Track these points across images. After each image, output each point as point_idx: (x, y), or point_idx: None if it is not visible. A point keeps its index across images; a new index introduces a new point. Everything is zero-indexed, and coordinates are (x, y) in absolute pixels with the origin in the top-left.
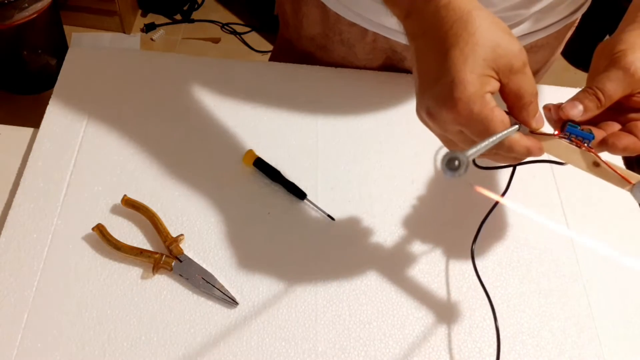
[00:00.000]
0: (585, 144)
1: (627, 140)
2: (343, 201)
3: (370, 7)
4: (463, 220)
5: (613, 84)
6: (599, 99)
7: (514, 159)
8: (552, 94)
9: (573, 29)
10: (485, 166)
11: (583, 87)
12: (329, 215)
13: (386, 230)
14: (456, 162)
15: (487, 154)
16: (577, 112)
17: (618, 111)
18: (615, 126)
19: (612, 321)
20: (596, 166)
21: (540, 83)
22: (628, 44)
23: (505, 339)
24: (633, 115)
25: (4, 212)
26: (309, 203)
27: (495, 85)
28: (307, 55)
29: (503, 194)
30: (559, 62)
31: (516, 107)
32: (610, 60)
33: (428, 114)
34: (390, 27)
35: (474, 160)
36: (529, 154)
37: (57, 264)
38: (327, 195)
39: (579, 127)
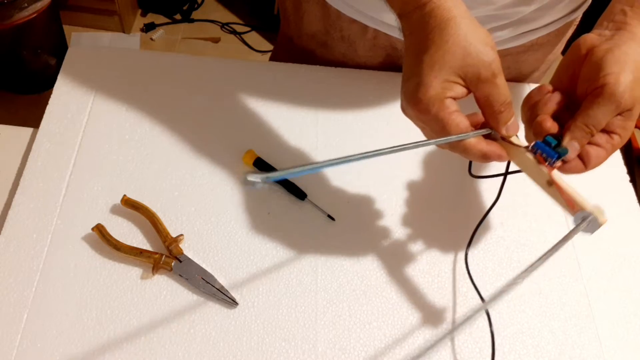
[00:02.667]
0: (548, 163)
1: (575, 164)
2: (343, 201)
3: (370, 4)
4: (463, 220)
5: (606, 118)
6: (592, 136)
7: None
8: None
9: (574, 27)
10: (479, 175)
11: (578, 122)
12: (329, 215)
13: (386, 230)
14: (253, 182)
15: (452, 150)
16: (574, 155)
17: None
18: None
19: (612, 321)
20: (549, 185)
21: (541, 82)
22: (620, 65)
23: (505, 338)
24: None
25: (4, 212)
26: (309, 203)
27: (460, 91)
28: (308, 52)
29: (494, 203)
30: (559, 60)
31: (486, 113)
32: (602, 82)
33: (401, 107)
34: (390, 24)
35: (469, 170)
36: (485, 158)
37: (57, 264)
38: (327, 195)
39: (554, 143)
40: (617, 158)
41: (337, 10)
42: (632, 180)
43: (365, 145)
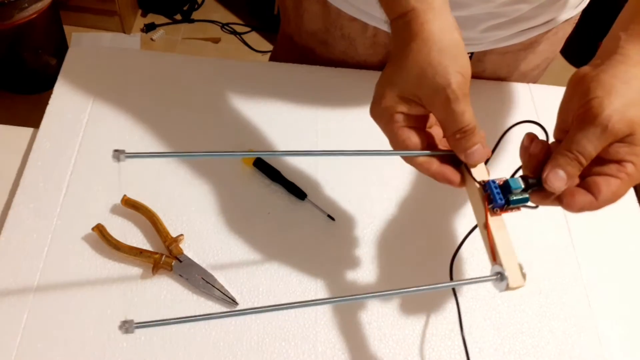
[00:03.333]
0: (491, 205)
1: (583, 200)
2: (343, 201)
3: (370, 2)
4: (463, 220)
5: (593, 145)
6: (580, 163)
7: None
8: (552, 94)
9: (573, 25)
10: None
11: (560, 148)
12: (329, 215)
13: (386, 230)
14: (120, 158)
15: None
16: (560, 184)
17: None
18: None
19: (612, 321)
20: (485, 228)
21: (540, 82)
22: (605, 89)
23: (505, 338)
24: (596, 168)
25: (4, 212)
26: (309, 203)
27: (413, 108)
28: (308, 51)
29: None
30: (558, 61)
31: (445, 136)
32: (586, 107)
33: None
34: (386, 21)
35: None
36: (435, 178)
37: (57, 264)
38: (327, 195)
39: (519, 187)
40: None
41: (337, 9)
42: None
43: (365, 145)
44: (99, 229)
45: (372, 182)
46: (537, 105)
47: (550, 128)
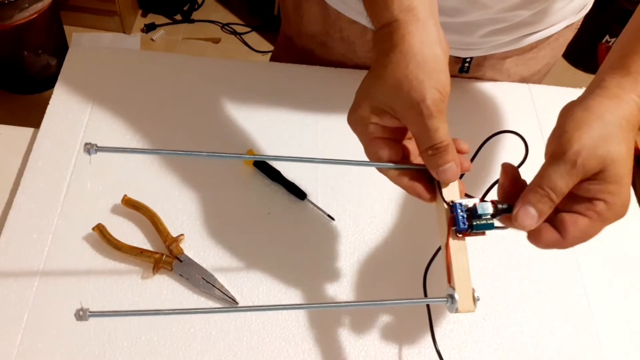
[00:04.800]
0: (454, 227)
1: (550, 237)
2: (343, 201)
3: None
4: None
5: (563, 180)
6: (552, 200)
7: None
8: (552, 94)
9: (574, 31)
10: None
11: (531, 184)
12: (329, 215)
13: (386, 230)
14: (90, 151)
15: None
16: (531, 222)
17: None
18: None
19: (612, 321)
20: (445, 248)
21: (542, 84)
22: (576, 123)
23: (505, 338)
24: (567, 205)
25: (4, 212)
26: (309, 203)
27: (388, 120)
28: (308, 52)
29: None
30: (559, 64)
31: (418, 150)
32: (557, 142)
33: None
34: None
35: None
36: (408, 192)
37: (57, 264)
38: (327, 195)
39: (486, 213)
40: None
41: (337, 11)
42: (632, 181)
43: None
44: (100, 229)
45: (372, 182)
46: (537, 105)
47: (552, 128)
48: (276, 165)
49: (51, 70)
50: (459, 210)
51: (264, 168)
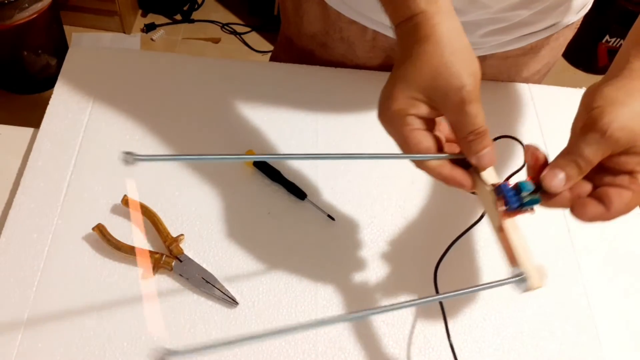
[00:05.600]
0: (507, 208)
1: (594, 210)
2: (343, 201)
3: (370, 5)
4: (463, 220)
5: (591, 148)
6: (579, 166)
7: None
8: (552, 94)
9: (574, 30)
10: None
11: (561, 153)
12: (329, 215)
13: (386, 230)
14: (128, 160)
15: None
16: (558, 182)
17: (594, 170)
18: (586, 186)
19: (612, 321)
20: (500, 231)
21: (542, 84)
22: (607, 100)
23: (505, 338)
24: (607, 178)
25: (4, 212)
26: (309, 203)
27: (424, 110)
28: (308, 53)
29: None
30: (559, 64)
31: (456, 138)
32: (588, 116)
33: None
34: (389, 25)
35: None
36: (447, 183)
37: (57, 264)
38: (327, 195)
39: (530, 188)
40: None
41: (337, 11)
42: None
43: (364, 145)
44: (100, 229)
45: (372, 182)
46: (537, 105)
47: (552, 128)
48: (276, 165)
49: (51, 70)
50: (507, 190)
51: (264, 168)
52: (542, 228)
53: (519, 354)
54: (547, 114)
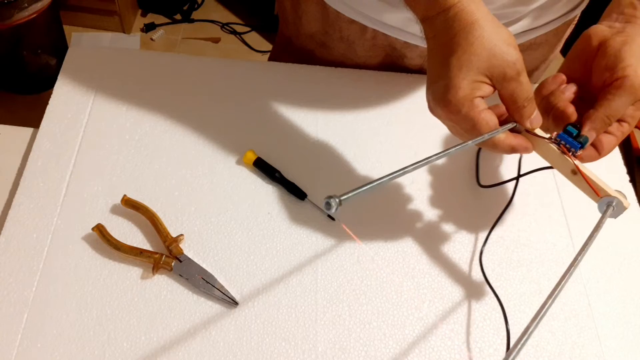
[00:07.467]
0: (571, 153)
1: (590, 154)
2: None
3: (369, 4)
4: (463, 220)
5: (624, 108)
6: (610, 122)
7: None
8: None
9: (572, 26)
10: (488, 184)
11: (600, 114)
12: (329, 215)
13: (386, 230)
14: (331, 204)
15: (482, 145)
16: (593, 136)
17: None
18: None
19: (612, 321)
20: (574, 174)
21: (541, 80)
22: (634, 58)
23: (505, 338)
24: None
25: (4, 211)
26: (309, 203)
27: (487, 90)
28: (307, 53)
29: (506, 207)
30: (557, 59)
31: (511, 109)
32: (619, 75)
33: (428, 107)
34: (389, 24)
35: (477, 181)
36: (513, 151)
37: (57, 264)
38: (327, 195)
39: (575, 132)
40: (617, 158)
41: (336, 11)
42: (632, 181)
43: (365, 145)
44: (99, 229)
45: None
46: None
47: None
48: (276, 165)
49: (51, 70)
50: (567, 137)
51: (264, 168)
52: (543, 228)
53: (519, 354)
54: None
